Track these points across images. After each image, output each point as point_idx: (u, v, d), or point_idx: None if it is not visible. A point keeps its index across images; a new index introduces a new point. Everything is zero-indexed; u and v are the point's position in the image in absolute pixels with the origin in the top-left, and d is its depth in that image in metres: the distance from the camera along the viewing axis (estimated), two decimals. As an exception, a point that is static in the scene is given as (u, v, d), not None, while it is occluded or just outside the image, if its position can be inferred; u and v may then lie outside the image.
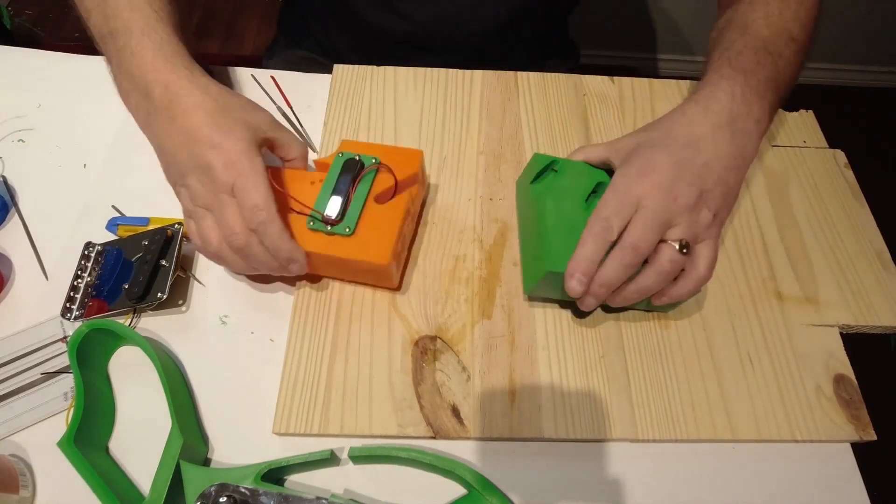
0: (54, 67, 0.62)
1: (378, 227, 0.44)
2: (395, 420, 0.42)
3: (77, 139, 0.57)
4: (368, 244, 0.44)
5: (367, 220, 0.45)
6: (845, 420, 0.43)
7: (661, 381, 0.44)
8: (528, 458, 0.42)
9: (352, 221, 0.44)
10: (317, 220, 0.44)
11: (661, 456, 0.43)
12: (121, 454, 0.42)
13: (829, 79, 1.74)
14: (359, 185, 0.46)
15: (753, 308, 0.48)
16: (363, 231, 0.44)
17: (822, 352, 0.46)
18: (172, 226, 0.48)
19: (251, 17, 1.82)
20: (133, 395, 0.44)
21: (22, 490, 0.39)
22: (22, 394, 0.43)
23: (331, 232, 0.44)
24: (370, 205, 0.45)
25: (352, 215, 0.44)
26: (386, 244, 0.43)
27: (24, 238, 0.51)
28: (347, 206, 0.45)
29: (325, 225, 0.44)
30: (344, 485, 0.41)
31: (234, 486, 0.37)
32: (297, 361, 0.44)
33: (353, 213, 0.44)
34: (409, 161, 0.47)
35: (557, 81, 0.62)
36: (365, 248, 0.43)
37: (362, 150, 0.48)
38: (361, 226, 0.44)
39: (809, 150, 0.58)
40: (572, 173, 0.47)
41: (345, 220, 0.44)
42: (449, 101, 0.60)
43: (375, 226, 0.44)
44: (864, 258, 0.51)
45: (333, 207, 0.44)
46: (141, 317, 0.47)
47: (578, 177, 0.47)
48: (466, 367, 0.44)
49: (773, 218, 0.53)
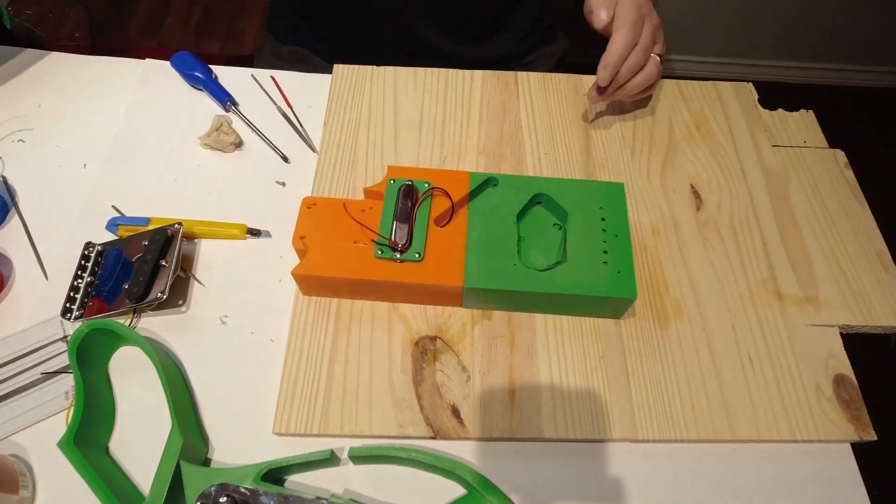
0: (54, 67, 0.62)
1: (446, 250, 0.45)
2: (395, 420, 0.42)
3: (77, 139, 0.57)
4: (440, 268, 0.44)
5: (433, 243, 0.46)
6: (845, 420, 0.43)
7: (661, 381, 0.44)
8: (528, 458, 0.42)
9: (420, 247, 0.45)
10: (385, 247, 0.45)
11: (661, 456, 0.43)
12: (121, 454, 0.42)
13: (829, 79, 1.74)
14: (418, 211, 0.47)
15: (753, 308, 0.48)
16: (432, 255, 0.45)
17: (822, 352, 0.46)
18: (172, 226, 0.48)
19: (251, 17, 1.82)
20: (133, 395, 0.44)
21: (22, 490, 0.39)
22: (22, 394, 0.43)
23: (401, 259, 0.44)
24: (432, 228, 0.46)
25: (418, 240, 0.45)
26: (457, 266, 0.44)
27: (24, 238, 0.51)
28: (412, 232, 0.45)
29: (394, 252, 0.44)
30: (344, 485, 0.41)
31: (234, 487, 0.37)
32: (297, 361, 0.44)
33: (419, 238, 0.45)
34: (459, 182, 0.48)
35: (557, 81, 0.62)
36: (439, 273, 0.44)
37: (411, 175, 0.49)
38: (429, 250, 0.45)
39: (809, 150, 0.58)
40: (509, 189, 0.49)
41: (413, 246, 0.45)
42: (449, 101, 0.60)
43: (443, 249, 0.45)
44: (864, 258, 0.51)
45: (401, 234, 0.45)
46: (141, 317, 0.47)
47: (514, 192, 0.48)
48: (466, 367, 0.44)
49: (773, 218, 0.53)
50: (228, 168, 0.56)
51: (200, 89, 0.60)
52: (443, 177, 0.48)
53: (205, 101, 0.60)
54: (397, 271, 0.44)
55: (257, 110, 0.59)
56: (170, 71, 0.61)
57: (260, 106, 0.60)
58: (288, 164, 0.56)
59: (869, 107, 1.72)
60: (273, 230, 0.52)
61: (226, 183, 0.55)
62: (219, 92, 0.59)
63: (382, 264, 0.44)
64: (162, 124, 0.58)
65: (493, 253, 0.45)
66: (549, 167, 0.55)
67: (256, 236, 0.51)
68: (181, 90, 0.61)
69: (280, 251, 0.51)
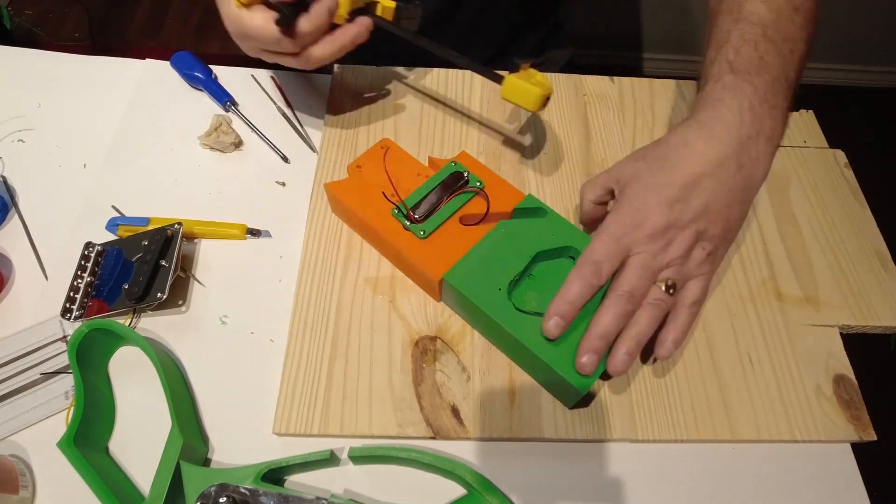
0: (54, 67, 0.62)
1: (450, 243, 0.45)
2: (395, 420, 0.42)
3: (77, 139, 0.57)
4: (431, 255, 0.44)
5: (443, 232, 0.46)
6: (845, 420, 0.43)
7: (661, 381, 0.44)
8: (528, 458, 0.42)
9: (429, 227, 0.45)
10: (401, 211, 0.46)
11: (661, 456, 0.43)
12: (121, 454, 0.42)
13: (829, 79, 1.74)
14: (453, 199, 0.46)
15: (753, 308, 0.48)
16: (434, 241, 0.45)
17: (822, 352, 0.46)
18: (172, 226, 0.48)
19: (251, 17, 1.82)
20: (133, 395, 0.44)
21: (22, 490, 0.39)
22: (22, 394, 0.43)
23: (407, 228, 0.45)
24: (453, 221, 0.46)
25: (433, 222, 0.45)
26: (446, 262, 0.44)
27: (24, 238, 0.51)
28: (433, 213, 0.46)
29: (406, 219, 0.45)
30: (344, 485, 0.41)
31: (234, 487, 0.37)
32: (297, 361, 0.44)
33: (434, 221, 0.45)
34: (508, 197, 0.47)
35: (557, 81, 0.62)
36: (426, 257, 0.44)
37: (476, 168, 0.49)
38: (436, 235, 0.45)
39: (809, 150, 0.58)
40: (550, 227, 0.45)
41: (425, 223, 0.45)
42: (449, 101, 0.60)
43: (448, 241, 0.45)
44: (864, 258, 0.51)
45: (422, 208, 0.46)
46: (141, 317, 0.47)
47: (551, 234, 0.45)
48: (466, 367, 0.44)
49: (773, 218, 0.53)
50: (228, 168, 0.56)
51: (200, 89, 0.60)
52: (499, 186, 0.48)
53: (205, 101, 0.60)
54: (398, 235, 0.45)
55: (257, 110, 0.59)
56: (170, 71, 0.61)
57: (260, 106, 0.60)
58: (288, 164, 0.56)
59: (869, 107, 1.72)
60: (273, 230, 0.52)
61: (226, 183, 0.55)
62: (219, 92, 0.59)
63: (392, 222, 0.46)
64: (162, 124, 0.58)
65: (489, 269, 0.43)
66: (549, 167, 0.55)
67: (256, 236, 0.51)
68: (181, 90, 0.61)
69: (280, 251, 0.51)
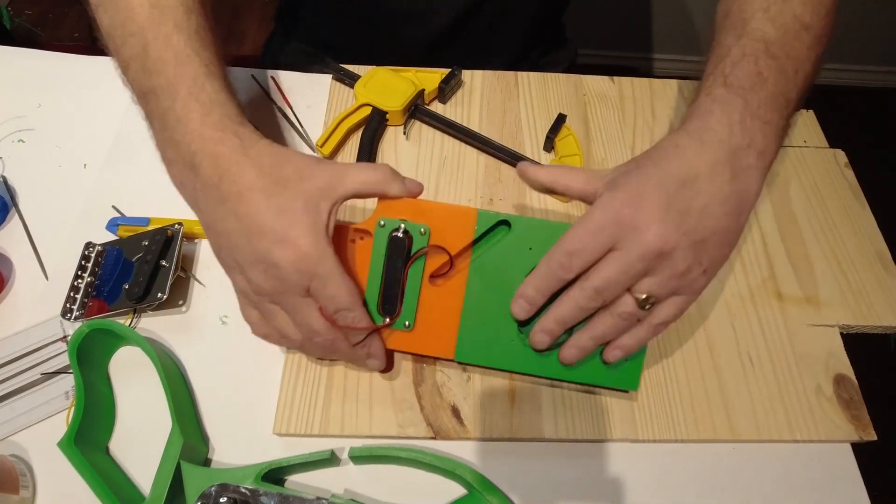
0: (54, 67, 0.62)
1: (439, 316, 0.41)
2: (395, 420, 0.42)
3: (77, 139, 0.57)
4: (431, 337, 0.41)
5: (425, 307, 0.41)
6: (845, 420, 0.43)
7: (661, 381, 0.44)
8: (528, 458, 0.42)
9: (410, 314, 0.40)
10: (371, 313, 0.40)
11: (661, 456, 0.43)
12: (121, 454, 0.42)
13: (829, 79, 1.74)
14: (410, 267, 0.40)
15: (753, 308, 0.48)
16: (424, 321, 0.41)
17: (822, 352, 0.46)
18: (172, 226, 0.48)
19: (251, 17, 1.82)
20: (133, 395, 0.44)
21: (22, 490, 0.39)
22: (22, 394, 0.43)
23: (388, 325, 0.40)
24: (426, 287, 0.41)
25: (409, 305, 0.40)
26: (450, 335, 0.41)
27: (24, 238, 0.51)
28: (402, 295, 0.40)
29: (382, 317, 0.40)
30: (344, 485, 0.41)
31: (234, 487, 0.37)
32: (297, 361, 0.44)
33: (409, 303, 0.40)
34: (463, 222, 0.40)
35: (557, 81, 0.62)
36: (428, 343, 0.41)
37: (404, 213, 0.40)
38: (421, 315, 0.41)
39: (809, 150, 0.58)
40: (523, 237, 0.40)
41: (403, 313, 0.40)
42: (449, 101, 0.60)
43: (435, 315, 0.41)
44: (864, 258, 0.51)
45: (390, 301, 0.40)
46: (141, 317, 0.47)
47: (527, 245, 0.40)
48: (466, 367, 0.44)
49: (773, 218, 0.53)
50: (228, 168, 0.56)
51: (200, 89, 0.60)
52: (444, 214, 0.40)
53: (205, 101, 0.60)
54: (386, 334, 0.41)
55: (257, 110, 0.59)
56: (170, 71, 0.61)
57: (260, 106, 0.60)
58: (288, 164, 0.56)
59: (869, 107, 1.72)
60: (273, 230, 0.52)
61: (226, 183, 0.54)
62: (219, 92, 0.59)
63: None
64: (162, 124, 0.58)
65: (491, 323, 0.40)
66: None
67: (256, 236, 0.51)
68: (181, 90, 0.61)
69: (280, 251, 0.51)
